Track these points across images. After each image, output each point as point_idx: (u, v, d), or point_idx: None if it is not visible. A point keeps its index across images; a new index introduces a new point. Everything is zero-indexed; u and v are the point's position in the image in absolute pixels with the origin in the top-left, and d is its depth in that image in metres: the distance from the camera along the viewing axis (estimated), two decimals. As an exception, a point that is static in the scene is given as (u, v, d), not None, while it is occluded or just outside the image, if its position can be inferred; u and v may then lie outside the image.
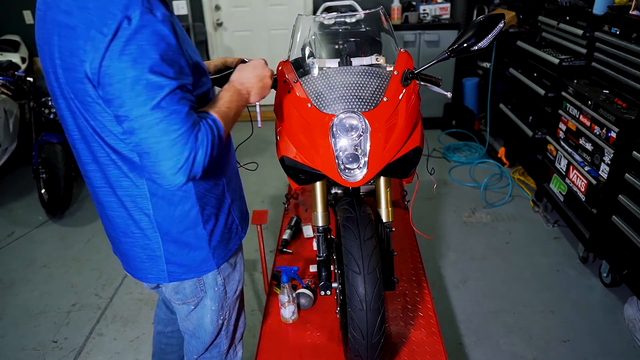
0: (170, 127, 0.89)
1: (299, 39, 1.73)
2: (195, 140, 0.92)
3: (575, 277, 2.50)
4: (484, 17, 1.32)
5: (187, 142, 0.90)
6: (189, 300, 1.26)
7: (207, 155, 0.95)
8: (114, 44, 0.86)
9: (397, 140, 1.34)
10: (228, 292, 1.30)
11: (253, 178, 3.70)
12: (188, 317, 1.31)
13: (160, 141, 0.89)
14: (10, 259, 2.88)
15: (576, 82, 2.58)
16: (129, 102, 0.88)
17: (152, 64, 0.87)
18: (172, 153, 0.90)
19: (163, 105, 0.89)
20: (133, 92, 0.87)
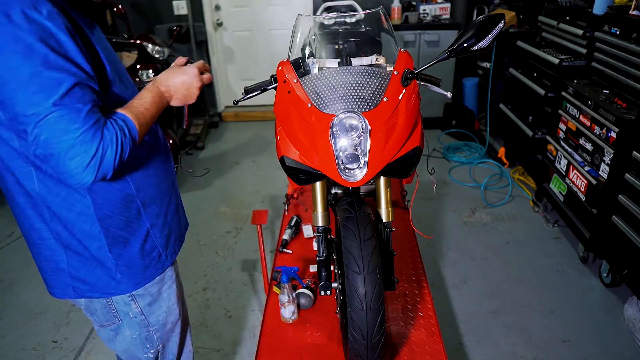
0: (70, 125, 0.85)
1: (299, 39, 1.73)
2: (100, 138, 0.88)
3: (575, 277, 2.50)
4: (484, 17, 1.31)
5: (91, 140, 0.86)
6: (104, 323, 1.21)
7: (117, 154, 0.91)
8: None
9: (397, 140, 1.34)
10: (152, 323, 1.23)
11: (253, 178, 3.70)
12: (113, 343, 1.26)
13: (61, 140, 0.84)
14: (10, 259, 2.88)
15: (576, 82, 2.58)
16: (23, 101, 0.84)
17: (44, 59, 0.83)
18: (76, 152, 0.85)
19: (62, 103, 0.84)
20: (27, 90, 0.83)
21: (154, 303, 1.22)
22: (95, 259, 1.10)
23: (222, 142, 4.53)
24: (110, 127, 0.91)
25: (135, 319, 1.20)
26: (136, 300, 1.18)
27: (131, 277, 1.15)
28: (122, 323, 1.21)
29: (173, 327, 1.30)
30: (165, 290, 1.25)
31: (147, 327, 1.23)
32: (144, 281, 1.17)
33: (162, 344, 1.29)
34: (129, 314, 1.19)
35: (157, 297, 1.22)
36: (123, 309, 1.18)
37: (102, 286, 1.13)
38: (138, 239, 1.14)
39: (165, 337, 1.29)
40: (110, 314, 1.19)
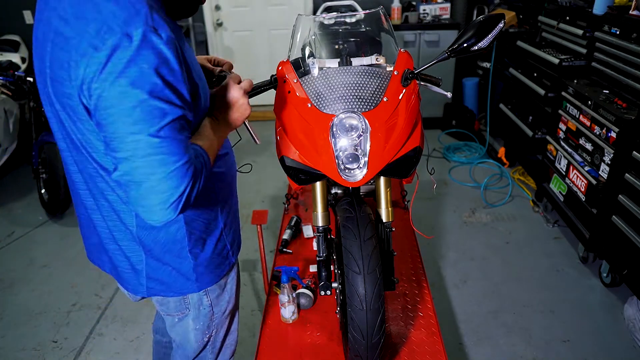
0: (169, 158, 0.81)
1: (299, 39, 1.73)
2: (192, 174, 0.85)
3: (575, 277, 2.50)
4: (484, 17, 1.31)
5: (184, 176, 0.83)
6: (172, 313, 1.23)
7: (198, 189, 0.89)
8: (111, 63, 0.77)
9: (397, 140, 1.34)
10: (215, 313, 1.27)
11: (253, 178, 3.70)
12: (173, 328, 1.29)
13: (155, 172, 0.81)
14: (10, 259, 2.88)
15: (576, 82, 2.58)
16: (123, 129, 0.79)
17: (153, 88, 0.79)
18: (166, 187, 0.82)
19: (163, 135, 0.80)
20: (130, 119, 0.79)
21: (221, 295, 1.26)
22: (175, 262, 1.11)
23: (222, 142, 4.53)
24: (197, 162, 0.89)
25: (204, 310, 1.23)
26: (208, 295, 1.22)
27: (206, 275, 1.17)
28: (189, 313, 1.23)
29: (228, 315, 1.34)
30: (230, 281, 1.29)
31: (211, 317, 1.26)
32: (215, 279, 1.20)
33: (215, 329, 1.32)
34: (200, 307, 1.22)
35: (223, 288, 1.26)
36: (196, 302, 1.21)
37: (178, 287, 1.15)
38: (213, 239, 1.16)
39: (220, 324, 1.32)
40: (183, 306, 1.21)
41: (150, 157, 0.80)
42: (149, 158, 0.80)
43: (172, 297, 1.18)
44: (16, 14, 4.59)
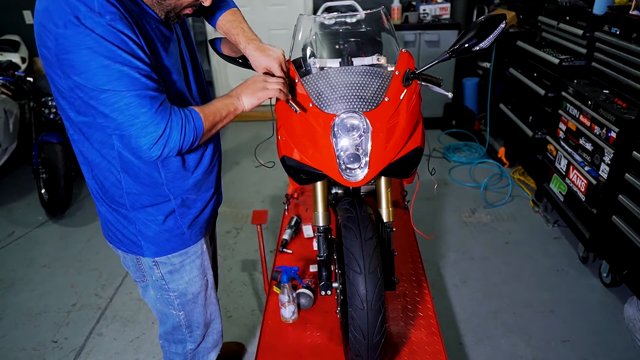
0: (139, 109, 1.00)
1: (300, 38, 1.73)
2: (167, 121, 1.04)
3: (575, 277, 2.50)
4: (485, 18, 1.31)
5: (160, 122, 1.02)
6: (136, 280, 1.37)
7: (181, 139, 1.07)
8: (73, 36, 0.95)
9: (398, 140, 1.34)
10: (172, 290, 1.36)
11: (253, 178, 3.70)
12: (145, 298, 1.43)
13: (133, 124, 1.01)
14: (10, 259, 2.88)
15: (576, 82, 2.58)
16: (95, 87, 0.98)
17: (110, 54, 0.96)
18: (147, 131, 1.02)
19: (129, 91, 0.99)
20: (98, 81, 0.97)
21: (175, 272, 1.34)
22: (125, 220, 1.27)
23: (222, 142, 4.51)
24: (178, 112, 1.07)
25: (157, 282, 1.35)
26: (159, 266, 1.32)
27: (153, 245, 1.29)
28: (148, 283, 1.37)
29: (194, 299, 1.40)
30: (188, 263, 1.35)
31: (167, 292, 1.36)
32: (163, 252, 1.30)
33: (182, 311, 1.40)
34: (152, 277, 1.34)
35: (178, 268, 1.34)
36: (148, 270, 1.34)
37: (127, 244, 1.30)
38: (162, 214, 1.27)
39: (186, 306, 1.40)
40: (140, 272, 1.35)
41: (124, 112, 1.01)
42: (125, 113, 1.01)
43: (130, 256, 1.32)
44: (16, 14, 4.59)
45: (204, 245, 1.40)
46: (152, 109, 1.02)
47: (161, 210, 1.26)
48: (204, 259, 1.39)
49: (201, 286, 1.40)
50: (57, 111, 3.31)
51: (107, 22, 0.96)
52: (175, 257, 1.33)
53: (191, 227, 1.33)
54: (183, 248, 1.33)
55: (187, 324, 1.44)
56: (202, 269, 1.40)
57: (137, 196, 1.23)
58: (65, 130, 1.21)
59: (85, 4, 0.95)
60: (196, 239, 1.36)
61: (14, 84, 3.45)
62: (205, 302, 1.44)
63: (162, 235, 1.29)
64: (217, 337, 1.57)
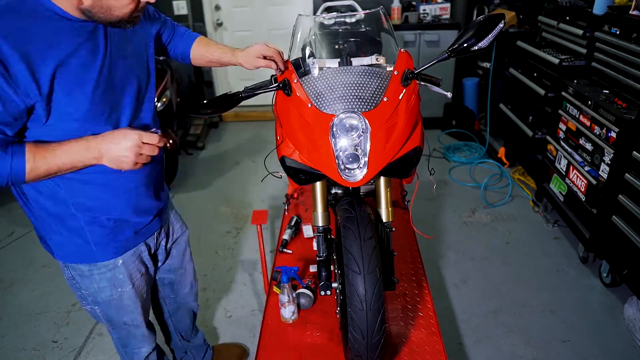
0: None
1: (299, 39, 1.73)
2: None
3: (575, 277, 2.50)
4: (484, 17, 1.31)
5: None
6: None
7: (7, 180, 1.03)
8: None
9: (398, 140, 1.34)
10: (82, 288, 1.35)
11: (253, 178, 3.70)
12: None
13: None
14: (10, 259, 2.88)
15: (576, 82, 2.58)
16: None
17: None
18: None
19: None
20: None
21: (85, 277, 1.33)
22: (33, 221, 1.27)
23: (222, 142, 4.53)
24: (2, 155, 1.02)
25: (69, 280, 1.37)
26: (68, 268, 1.33)
27: (60, 249, 1.29)
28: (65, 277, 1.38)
29: (107, 303, 1.38)
30: (98, 274, 1.33)
31: (79, 290, 1.37)
32: (70, 260, 1.30)
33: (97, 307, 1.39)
34: (65, 275, 1.37)
35: (88, 275, 1.33)
36: (62, 268, 1.36)
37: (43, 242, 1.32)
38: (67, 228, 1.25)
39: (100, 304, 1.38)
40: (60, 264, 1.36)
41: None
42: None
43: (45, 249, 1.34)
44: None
45: (119, 261, 1.33)
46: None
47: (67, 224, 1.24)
48: (116, 273, 1.34)
49: (111, 296, 1.36)
50: None
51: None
52: (83, 266, 1.30)
53: (103, 245, 1.29)
54: (90, 262, 1.30)
55: (105, 317, 1.43)
56: (114, 282, 1.34)
57: (41, 207, 1.21)
58: None
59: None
60: (109, 257, 1.31)
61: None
62: (120, 308, 1.40)
63: (70, 246, 1.27)
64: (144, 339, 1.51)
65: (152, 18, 1.39)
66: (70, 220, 1.24)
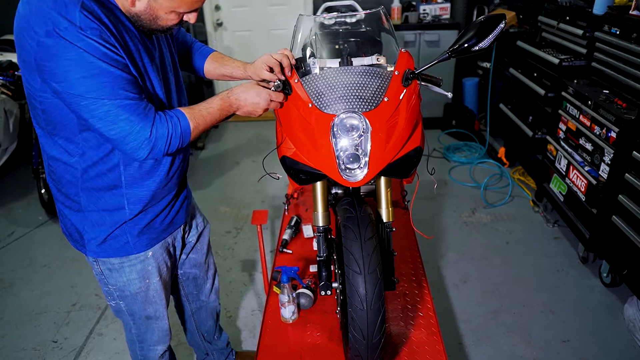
0: (117, 117, 1.05)
1: (300, 38, 1.73)
2: (150, 130, 1.09)
3: (575, 277, 2.50)
4: (484, 18, 1.31)
5: (138, 132, 1.08)
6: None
7: (166, 146, 1.13)
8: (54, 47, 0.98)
9: (398, 140, 1.34)
10: (110, 283, 1.39)
11: (253, 178, 3.70)
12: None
13: (112, 129, 1.07)
14: (10, 259, 2.88)
15: (576, 82, 2.58)
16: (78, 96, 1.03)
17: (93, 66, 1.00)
18: (126, 140, 1.08)
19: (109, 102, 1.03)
20: (80, 89, 1.01)
21: (114, 271, 1.37)
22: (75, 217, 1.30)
23: (222, 142, 4.53)
24: (163, 119, 1.12)
25: (97, 275, 1.40)
26: (99, 263, 1.36)
27: (96, 244, 1.31)
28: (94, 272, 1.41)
29: (133, 296, 1.42)
30: (128, 266, 1.37)
31: (107, 285, 1.40)
32: (104, 255, 1.33)
33: (122, 302, 1.43)
34: (93, 270, 1.39)
35: (118, 268, 1.36)
36: (92, 263, 1.38)
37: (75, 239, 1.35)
38: (111, 223, 1.29)
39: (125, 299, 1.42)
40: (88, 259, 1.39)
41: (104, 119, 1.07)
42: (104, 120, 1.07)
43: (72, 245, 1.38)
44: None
45: (149, 253, 1.38)
46: (132, 116, 1.06)
47: (112, 216, 1.28)
48: (147, 265, 1.39)
49: (139, 288, 1.41)
50: None
51: (87, 35, 0.98)
52: (115, 260, 1.35)
53: (138, 236, 1.34)
54: (125, 255, 1.34)
55: (128, 312, 1.47)
56: (143, 274, 1.39)
57: (91, 199, 1.25)
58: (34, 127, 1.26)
59: (67, 19, 0.98)
60: (141, 249, 1.36)
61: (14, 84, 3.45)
62: (145, 300, 1.45)
63: (107, 241, 1.31)
64: (162, 335, 1.55)
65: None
66: (118, 213, 1.29)
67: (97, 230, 1.29)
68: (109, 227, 1.29)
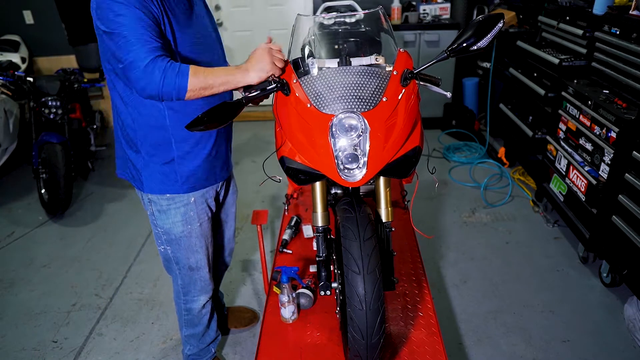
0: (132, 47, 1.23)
1: (299, 38, 1.73)
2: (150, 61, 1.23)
3: (575, 277, 2.50)
4: (483, 17, 1.31)
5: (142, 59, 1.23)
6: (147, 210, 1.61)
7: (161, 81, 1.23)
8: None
9: (397, 140, 1.34)
10: (159, 225, 1.59)
11: (253, 178, 3.70)
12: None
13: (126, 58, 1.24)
14: (10, 259, 2.88)
15: (576, 82, 2.58)
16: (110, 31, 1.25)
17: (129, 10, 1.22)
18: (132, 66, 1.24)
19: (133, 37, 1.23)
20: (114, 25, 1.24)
21: (162, 212, 1.56)
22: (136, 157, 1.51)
23: (222, 142, 4.53)
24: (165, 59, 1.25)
25: (150, 216, 1.61)
26: (152, 203, 1.56)
27: (149, 181, 1.51)
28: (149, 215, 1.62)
29: (177, 240, 1.60)
30: (174, 208, 1.55)
31: (156, 227, 1.61)
32: (156, 191, 1.52)
33: (169, 247, 1.62)
34: (148, 212, 1.61)
35: (165, 210, 1.55)
36: (147, 205, 1.59)
37: (136, 178, 1.55)
38: (161, 158, 1.48)
39: (171, 243, 1.61)
40: (146, 205, 1.59)
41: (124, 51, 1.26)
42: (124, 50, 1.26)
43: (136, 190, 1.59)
44: (16, 14, 4.59)
45: (191, 198, 1.56)
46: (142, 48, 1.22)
47: (163, 154, 1.47)
48: (188, 209, 1.56)
49: (182, 232, 1.58)
50: (57, 111, 3.31)
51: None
52: (164, 200, 1.53)
53: (186, 178, 1.52)
54: (171, 193, 1.53)
55: (174, 259, 1.65)
56: (186, 217, 1.57)
57: (145, 137, 1.45)
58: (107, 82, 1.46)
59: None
60: (186, 190, 1.54)
61: (14, 84, 3.46)
62: (188, 247, 1.62)
63: (158, 176, 1.50)
64: (204, 284, 1.72)
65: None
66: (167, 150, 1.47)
67: (152, 165, 1.48)
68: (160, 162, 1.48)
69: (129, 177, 1.59)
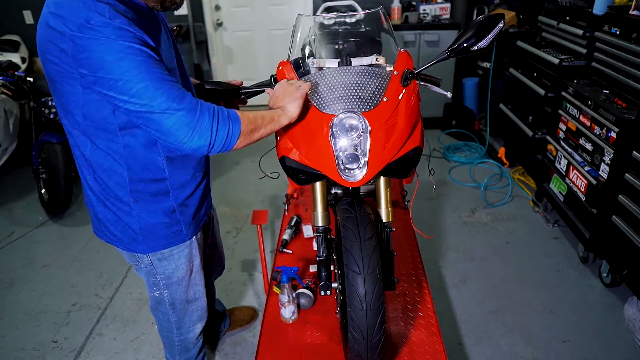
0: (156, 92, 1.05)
1: (299, 38, 1.73)
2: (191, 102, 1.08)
3: (575, 277, 2.50)
4: (483, 17, 1.31)
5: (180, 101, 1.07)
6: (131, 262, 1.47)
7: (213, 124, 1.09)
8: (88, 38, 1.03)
9: (397, 140, 1.34)
10: (159, 273, 1.45)
11: (253, 178, 3.70)
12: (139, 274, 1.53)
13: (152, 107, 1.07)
14: (10, 259, 2.88)
15: (576, 82, 2.58)
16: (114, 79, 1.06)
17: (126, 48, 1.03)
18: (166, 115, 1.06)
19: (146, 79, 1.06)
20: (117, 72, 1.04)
21: (164, 260, 1.42)
22: (126, 217, 1.33)
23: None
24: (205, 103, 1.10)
25: (146, 268, 1.44)
26: (149, 256, 1.41)
27: (151, 241, 1.36)
28: (139, 267, 1.46)
29: (179, 281, 1.49)
30: (177, 252, 1.43)
31: (155, 276, 1.46)
32: (160, 247, 1.39)
33: (167, 290, 1.50)
34: (142, 264, 1.44)
35: (167, 257, 1.42)
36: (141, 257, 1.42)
37: (126, 242, 1.37)
38: (163, 213, 1.34)
39: (170, 287, 1.50)
40: (133, 258, 1.44)
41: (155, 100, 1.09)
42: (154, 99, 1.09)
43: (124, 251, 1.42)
44: (16, 14, 4.59)
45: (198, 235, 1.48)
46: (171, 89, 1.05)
47: (162, 207, 1.34)
48: (192, 247, 1.47)
49: (186, 271, 1.49)
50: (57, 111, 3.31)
51: (117, 25, 1.03)
52: (168, 249, 1.41)
53: (190, 223, 1.42)
54: (180, 242, 1.41)
55: (170, 300, 1.54)
56: (190, 257, 1.48)
57: (140, 192, 1.29)
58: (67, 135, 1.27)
59: (97, 12, 1.03)
60: (192, 235, 1.44)
61: (14, 84, 3.45)
62: (189, 283, 1.53)
63: (161, 232, 1.36)
64: (202, 313, 1.65)
65: None
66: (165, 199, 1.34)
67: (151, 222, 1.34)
68: (161, 215, 1.34)
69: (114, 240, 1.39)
